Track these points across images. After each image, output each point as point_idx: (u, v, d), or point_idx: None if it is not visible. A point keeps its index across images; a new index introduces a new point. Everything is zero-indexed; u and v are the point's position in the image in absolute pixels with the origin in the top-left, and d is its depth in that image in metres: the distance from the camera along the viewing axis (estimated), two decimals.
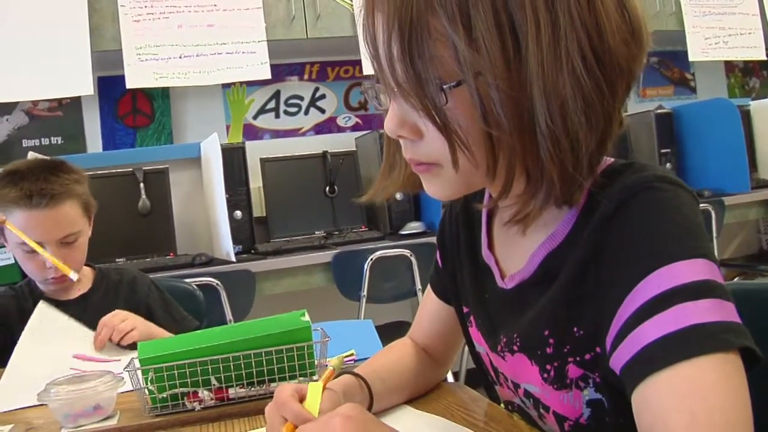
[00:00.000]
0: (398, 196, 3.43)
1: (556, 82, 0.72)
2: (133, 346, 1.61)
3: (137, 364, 1.17)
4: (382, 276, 3.15)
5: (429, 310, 1.22)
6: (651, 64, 4.63)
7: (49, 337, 1.68)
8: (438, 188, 0.86)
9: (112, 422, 1.19)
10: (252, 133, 3.89)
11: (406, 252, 3.14)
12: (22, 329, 1.83)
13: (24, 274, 1.94)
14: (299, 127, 3.98)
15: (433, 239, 2.86)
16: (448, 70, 0.74)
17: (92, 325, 1.80)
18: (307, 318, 1.24)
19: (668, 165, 3.86)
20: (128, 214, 3.16)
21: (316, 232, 3.47)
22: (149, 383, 1.17)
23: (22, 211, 1.74)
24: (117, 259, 3.05)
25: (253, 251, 3.21)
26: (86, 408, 1.19)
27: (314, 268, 3.11)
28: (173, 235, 3.22)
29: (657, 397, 0.67)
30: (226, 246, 3.03)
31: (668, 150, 3.91)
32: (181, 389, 1.18)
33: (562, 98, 0.72)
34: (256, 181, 3.46)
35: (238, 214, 3.20)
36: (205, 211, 3.44)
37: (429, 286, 1.23)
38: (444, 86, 0.74)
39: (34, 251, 1.79)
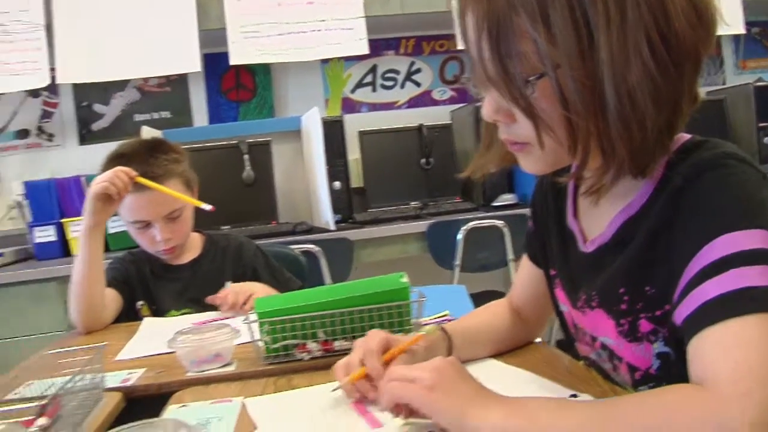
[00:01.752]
0: (491, 167, 3.50)
1: (625, 68, 0.81)
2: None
3: (254, 317, 1.31)
4: (476, 246, 3.23)
5: (523, 273, 1.33)
6: (751, 35, 4.53)
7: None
8: (530, 164, 0.97)
9: (231, 369, 1.33)
10: (349, 106, 4.02)
11: (499, 223, 3.22)
12: (142, 291, 2.02)
13: None
14: (395, 100, 4.08)
15: (526, 211, 2.93)
16: (531, 64, 0.84)
17: (203, 287, 1.97)
18: (406, 279, 1.35)
19: (766, 139, 3.79)
20: (233, 184, 3.34)
21: (412, 203, 3.57)
22: (264, 335, 1.30)
23: (129, 194, 1.89)
24: (222, 227, 3.22)
25: (351, 220, 3.34)
26: (207, 355, 1.33)
27: (410, 237, 3.22)
28: (275, 205, 3.38)
29: (707, 348, 0.76)
30: (325, 215, 3.17)
31: (767, 124, 3.84)
32: (291, 341, 1.31)
33: (631, 83, 0.82)
34: (353, 153, 3.59)
35: (337, 184, 3.33)
36: (305, 182, 3.59)
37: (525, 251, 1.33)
38: (529, 79, 0.85)
39: (145, 227, 1.96)
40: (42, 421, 0.93)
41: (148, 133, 3.28)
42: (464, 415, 0.83)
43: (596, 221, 1.05)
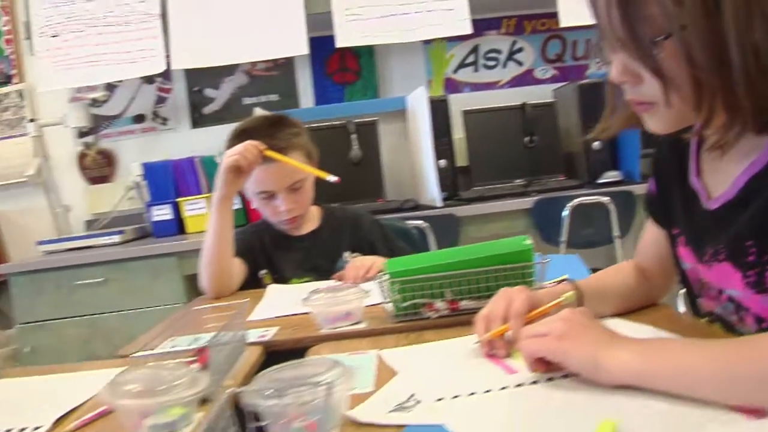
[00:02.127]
0: (596, 145, 3.50)
1: (749, 26, 0.85)
2: None
3: (385, 278, 1.37)
4: (581, 222, 3.24)
5: (647, 235, 1.36)
6: None
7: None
8: (656, 123, 1.01)
9: (362, 326, 1.40)
10: (452, 86, 4.05)
11: (605, 199, 3.21)
12: (264, 260, 2.11)
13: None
14: (497, 80, 4.10)
15: (631, 188, 2.92)
16: (658, 25, 0.89)
17: (322, 256, 2.06)
18: (529, 241, 1.39)
19: None
20: (341, 163, 3.42)
21: (516, 181, 3.59)
22: (395, 294, 1.37)
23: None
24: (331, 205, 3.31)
25: (456, 198, 3.39)
26: (339, 314, 1.41)
27: (515, 213, 3.24)
28: (382, 183, 3.45)
29: None
30: (431, 192, 3.22)
31: None
32: (420, 300, 1.37)
33: (754, 40, 0.85)
34: (457, 133, 3.62)
35: (442, 162, 3.38)
36: (410, 160, 3.65)
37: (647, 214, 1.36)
38: (656, 40, 0.89)
39: (269, 198, 2.05)
40: (196, 366, 1.01)
41: (259, 110, 3.39)
42: (597, 359, 0.88)
43: (720, 179, 1.08)
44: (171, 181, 3.65)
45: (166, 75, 3.96)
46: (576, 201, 3.20)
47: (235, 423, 0.78)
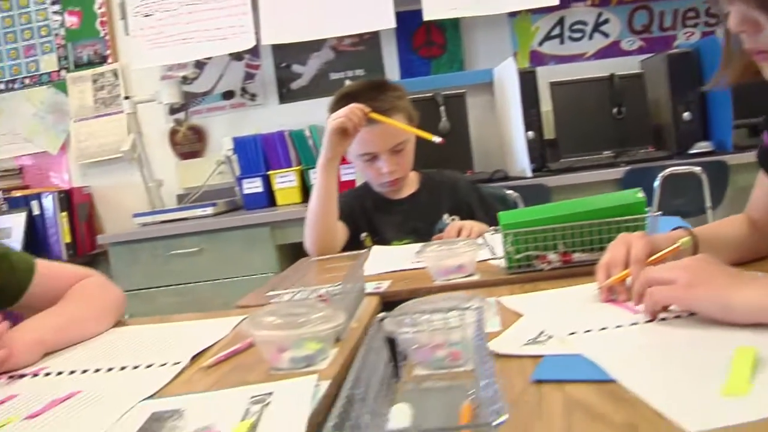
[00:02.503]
0: (686, 116, 3.45)
1: None
2: None
3: (499, 229, 1.39)
4: (673, 193, 3.19)
5: (759, 188, 1.35)
6: None
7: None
8: None
9: (475, 278, 1.43)
10: (537, 59, 4.03)
11: (697, 170, 3.16)
12: (365, 223, 2.15)
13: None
14: (583, 52, 4.06)
15: (724, 158, 2.86)
16: None
17: (421, 219, 2.09)
18: (642, 195, 1.39)
19: None
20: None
21: (604, 152, 3.56)
22: (508, 245, 1.39)
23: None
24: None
25: (545, 169, 3.38)
26: (452, 266, 1.43)
27: (606, 184, 3.22)
28: (471, 154, 3.46)
29: None
30: (521, 163, 3.22)
31: None
32: (533, 252, 1.39)
33: None
34: (544, 105, 3.61)
35: (530, 134, 3.37)
36: (497, 132, 3.64)
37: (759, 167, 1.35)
38: None
39: (371, 160, 2.09)
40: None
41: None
42: (729, 299, 0.89)
43: None
44: (261, 154, 3.72)
45: (255, 52, 4.03)
46: (668, 171, 3.16)
47: (386, 346, 0.82)
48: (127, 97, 3.88)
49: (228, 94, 4.12)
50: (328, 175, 1.99)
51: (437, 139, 1.97)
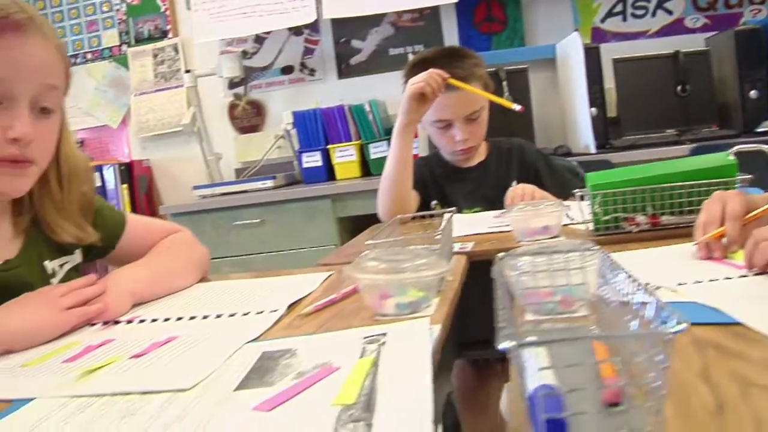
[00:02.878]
0: (752, 94, 3.39)
1: None
2: None
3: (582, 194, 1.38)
4: (740, 170, 3.13)
5: None
6: None
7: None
8: None
9: (560, 239, 1.41)
10: (599, 36, 3.97)
11: (766, 147, 3.10)
12: (435, 191, 2.15)
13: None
14: (646, 29, 3.99)
15: None
16: None
17: (491, 186, 2.08)
18: (733, 157, 1.37)
19: None
20: (493, 108, 3.39)
21: (667, 131, 3.50)
22: (596, 206, 1.37)
23: None
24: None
25: (607, 146, 3.34)
26: (537, 227, 1.42)
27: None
28: (533, 130, 3.43)
29: None
30: (584, 139, 3.19)
31: None
32: (622, 213, 1.37)
33: None
34: (606, 82, 3.56)
35: (593, 111, 3.32)
36: (559, 108, 3.61)
37: None
38: None
39: (446, 127, 2.08)
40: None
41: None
42: None
43: None
44: (321, 129, 3.72)
45: (314, 27, 4.03)
46: (735, 149, 3.09)
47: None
48: (188, 71, 3.90)
49: (287, 69, 4.13)
50: (404, 140, 1.99)
51: (517, 107, 1.96)
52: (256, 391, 0.69)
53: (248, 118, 4.20)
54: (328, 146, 3.67)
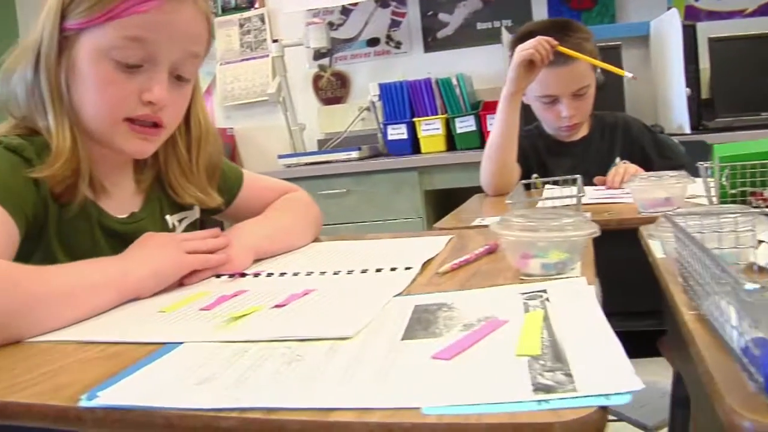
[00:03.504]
0: None
1: None
2: None
3: (716, 162, 1.34)
4: None
5: None
6: None
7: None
8: None
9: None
10: (693, 14, 3.86)
11: None
12: (536, 164, 2.12)
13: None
14: (743, 8, 3.87)
15: None
16: None
17: (594, 162, 2.04)
18: None
19: None
20: None
21: (763, 114, 3.40)
22: (723, 179, 1.33)
23: (543, 68, 1.98)
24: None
25: (701, 128, 3.26)
26: (659, 198, 1.39)
27: None
28: (624, 108, 3.36)
29: None
30: (678, 119, 3.12)
31: None
32: (749, 187, 1.33)
33: None
34: (701, 62, 3.47)
35: (687, 91, 3.25)
36: (651, 87, 3.53)
37: None
38: None
39: (551, 102, 2.05)
40: None
41: (507, 37, 3.36)
42: None
43: None
44: (407, 101, 3.71)
45: (401, 0, 4.01)
46: None
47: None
48: (275, 41, 3.91)
49: (373, 41, 4.13)
50: (511, 108, 1.96)
51: (629, 75, 1.92)
52: (425, 341, 0.68)
53: (332, 89, 4.21)
54: (414, 119, 3.66)
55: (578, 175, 1.41)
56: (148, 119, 1.12)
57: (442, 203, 3.50)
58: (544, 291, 0.81)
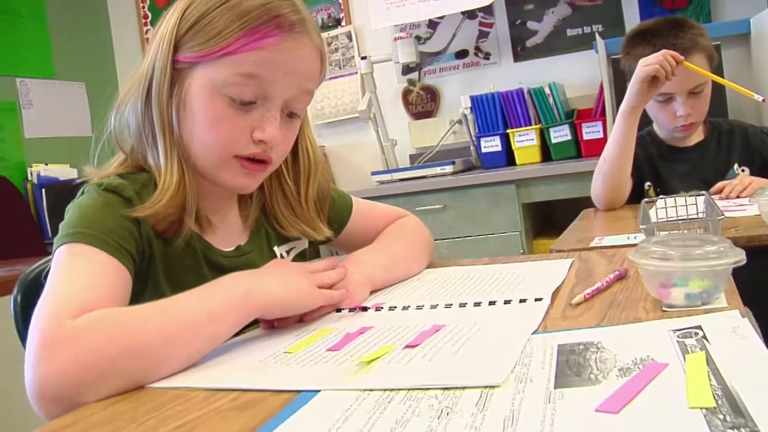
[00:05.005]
0: None
1: None
2: None
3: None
4: None
5: None
6: None
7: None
8: None
9: None
10: None
11: None
12: (649, 172, 2.06)
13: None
14: None
15: None
16: None
17: (710, 169, 1.97)
18: None
19: None
20: None
21: None
22: None
23: None
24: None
25: None
26: None
27: None
28: (726, 109, 3.24)
29: None
30: None
31: None
32: None
33: None
34: None
35: None
36: (754, 87, 3.39)
37: None
38: None
39: (667, 101, 1.98)
40: None
41: (601, 43, 3.29)
42: None
43: None
44: (499, 113, 3.66)
45: (488, 10, 3.97)
46: None
47: None
48: (363, 57, 3.92)
49: (461, 53, 4.10)
50: (629, 123, 1.91)
51: (759, 97, 1.84)
52: (582, 390, 0.65)
53: (422, 103, 4.19)
54: (508, 131, 3.61)
55: (707, 194, 1.35)
56: (259, 157, 1.11)
57: (540, 216, 3.45)
58: (699, 328, 0.76)
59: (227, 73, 1.05)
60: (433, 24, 4.13)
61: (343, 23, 4.32)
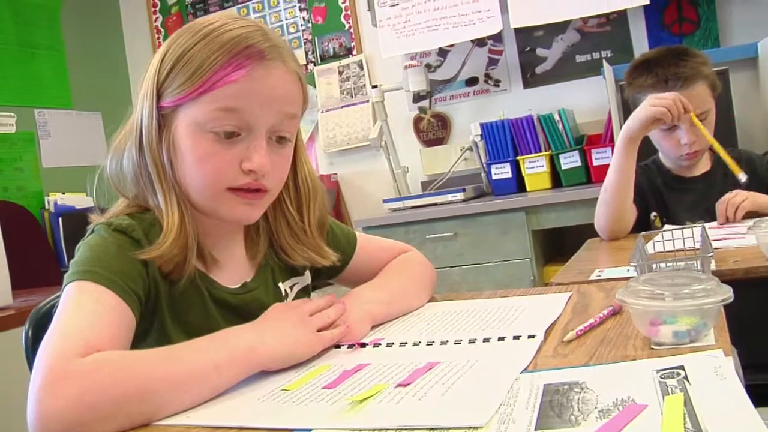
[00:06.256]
0: None
1: None
2: None
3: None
4: None
5: None
6: None
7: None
8: None
9: None
10: None
11: None
12: (655, 202, 2.08)
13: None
14: None
15: None
16: None
17: (716, 200, 1.97)
18: None
19: None
20: None
21: None
22: None
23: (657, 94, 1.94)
24: None
25: None
26: None
27: None
28: (735, 135, 3.24)
29: None
30: None
31: None
32: None
33: None
34: None
35: None
36: (762, 112, 3.41)
37: None
38: None
39: (670, 129, 1.99)
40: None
41: (609, 70, 3.31)
42: None
43: None
44: (509, 139, 3.68)
45: (497, 37, 4.00)
46: None
47: None
48: (374, 86, 3.96)
49: (471, 81, 4.13)
50: (629, 152, 1.93)
51: (743, 177, 1.86)
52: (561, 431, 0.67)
53: (433, 131, 4.22)
54: (518, 157, 3.63)
55: (704, 225, 1.36)
56: (251, 187, 1.13)
57: (550, 242, 3.46)
58: (681, 368, 0.78)
59: (207, 110, 1.08)
60: (443, 52, 4.17)
61: (354, 52, 4.37)
